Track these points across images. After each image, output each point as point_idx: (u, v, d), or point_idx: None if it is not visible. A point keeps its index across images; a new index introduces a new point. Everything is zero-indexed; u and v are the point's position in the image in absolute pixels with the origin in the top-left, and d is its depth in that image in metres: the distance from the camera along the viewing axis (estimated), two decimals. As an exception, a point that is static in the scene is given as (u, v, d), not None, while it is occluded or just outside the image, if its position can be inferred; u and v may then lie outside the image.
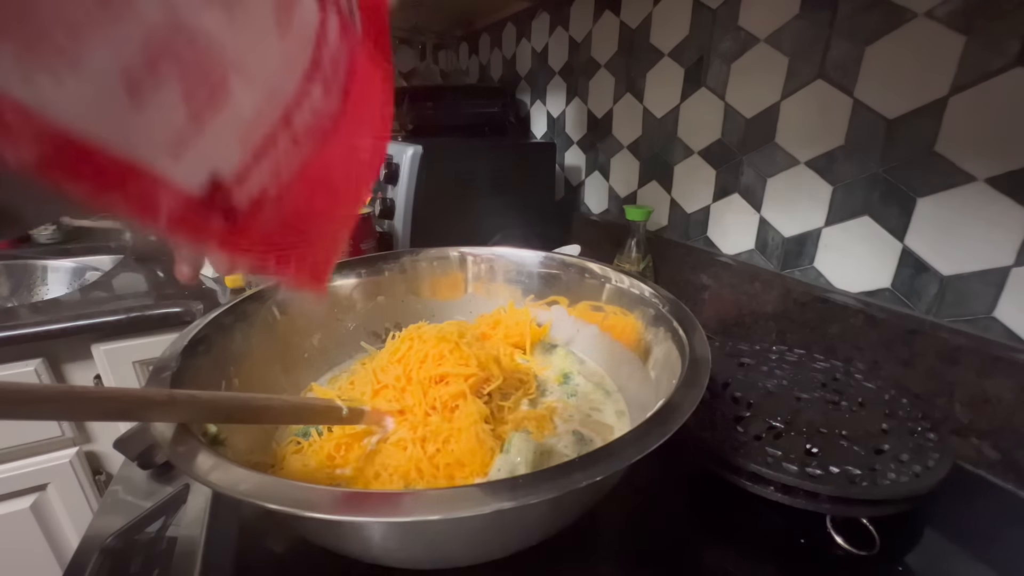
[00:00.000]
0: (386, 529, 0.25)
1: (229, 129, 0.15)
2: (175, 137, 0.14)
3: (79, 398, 0.22)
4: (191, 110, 0.14)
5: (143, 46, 0.12)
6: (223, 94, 0.14)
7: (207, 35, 0.14)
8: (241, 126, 0.15)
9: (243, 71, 0.15)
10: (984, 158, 0.41)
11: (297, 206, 0.18)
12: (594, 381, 0.49)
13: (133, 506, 0.39)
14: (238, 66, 0.15)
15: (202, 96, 0.14)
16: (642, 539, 0.36)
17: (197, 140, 0.14)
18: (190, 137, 0.14)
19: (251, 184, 0.16)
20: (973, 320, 0.44)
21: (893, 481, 0.34)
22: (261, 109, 0.16)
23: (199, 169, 0.14)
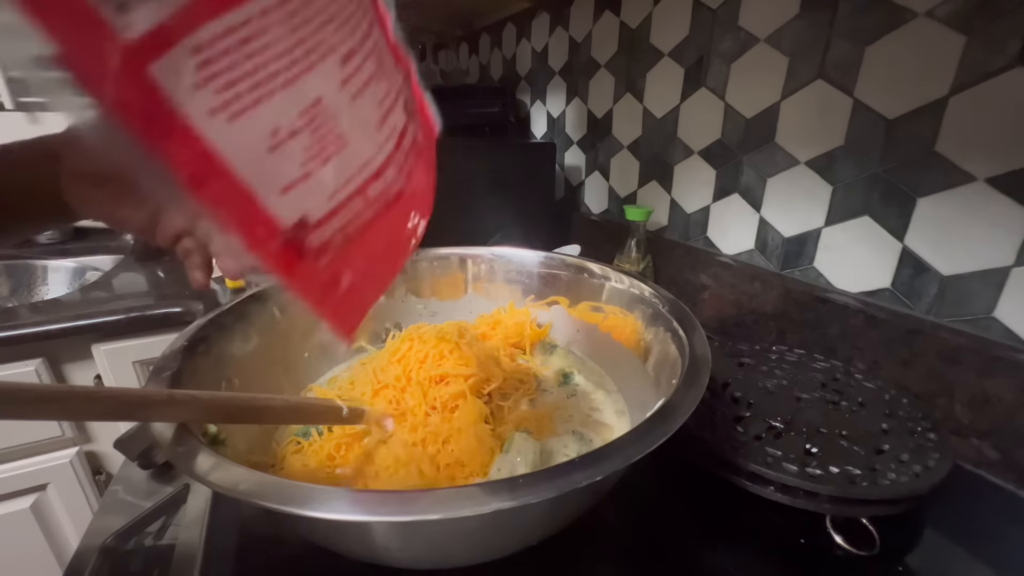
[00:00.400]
0: (386, 529, 0.25)
1: (325, 185, 0.19)
2: (287, 181, 0.18)
3: (79, 398, 0.22)
4: (305, 164, 0.18)
5: (297, 112, 0.17)
6: (329, 156, 0.19)
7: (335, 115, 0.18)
8: (334, 184, 0.19)
9: (347, 144, 0.19)
10: (984, 158, 0.41)
11: (350, 259, 0.21)
12: (594, 381, 0.49)
13: (133, 506, 0.39)
14: (345, 140, 0.19)
15: (316, 155, 0.18)
16: (642, 539, 0.36)
17: (301, 187, 0.18)
18: (297, 183, 0.18)
19: (325, 230, 0.19)
20: (973, 320, 0.44)
21: (893, 481, 0.34)
22: (351, 175, 0.20)
23: (294, 209, 0.18)
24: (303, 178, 0.18)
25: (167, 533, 0.37)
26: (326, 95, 0.18)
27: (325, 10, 0.17)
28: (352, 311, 0.22)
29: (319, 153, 0.18)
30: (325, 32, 0.17)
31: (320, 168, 0.18)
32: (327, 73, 0.17)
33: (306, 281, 0.20)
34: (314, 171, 0.18)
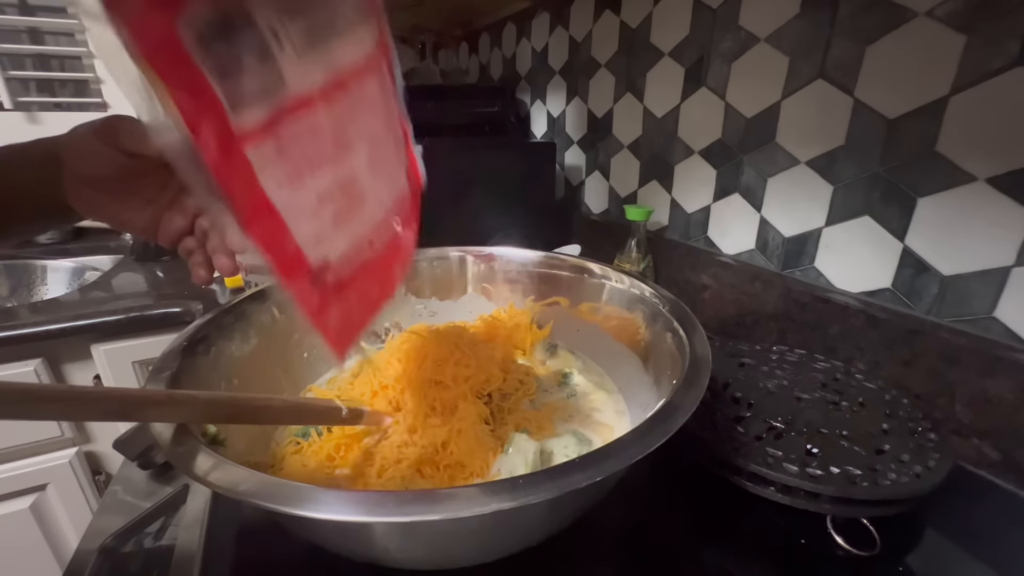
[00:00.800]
0: (386, 529, 0.25)
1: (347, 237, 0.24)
2: (321, 232, 0.22)
3: (79, 398, 0.22)
4: (334, 221, 0.23)
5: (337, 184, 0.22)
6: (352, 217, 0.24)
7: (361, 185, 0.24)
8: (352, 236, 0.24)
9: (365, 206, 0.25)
10: (985, 158, 0.41)
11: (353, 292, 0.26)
12: (594, 381, 0.49)
13: (133, 506, 0.39)
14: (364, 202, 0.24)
15: (343, 216, 0.23)
16: (642, 539, 0.36)
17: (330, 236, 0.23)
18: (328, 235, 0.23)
19: (340, 270, 0.24)
20: (974, 320, 0.44)
21: (894, 481, 0.34)
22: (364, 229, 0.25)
23: (321, 253, 0.23)
24: (332, 231, 0.23)
25: (166, 533, 0.37)
26: (358, 171, 0.23)
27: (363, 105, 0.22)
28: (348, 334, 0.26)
29: (346, 214, 0.23)
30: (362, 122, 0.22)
31: (345, 224, 0.23)
32: (360, 154, 0.23)
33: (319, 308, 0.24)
34: (341, 227, 0.23)
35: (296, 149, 0.20)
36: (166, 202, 0.32)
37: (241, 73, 0.17)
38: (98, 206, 0.31)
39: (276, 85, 0.19)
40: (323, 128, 0.21)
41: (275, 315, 0.47)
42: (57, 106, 1.09)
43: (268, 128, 0.19)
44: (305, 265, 0.22)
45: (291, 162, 0.20)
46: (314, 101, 0.20)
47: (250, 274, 0.68)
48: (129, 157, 0.29)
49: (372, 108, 0.23)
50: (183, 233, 0.33)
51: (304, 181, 0.21)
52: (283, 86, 0.19)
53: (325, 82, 0.20)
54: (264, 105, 0.18)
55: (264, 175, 0.19)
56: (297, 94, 0.19)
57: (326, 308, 0.24)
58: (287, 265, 0.21)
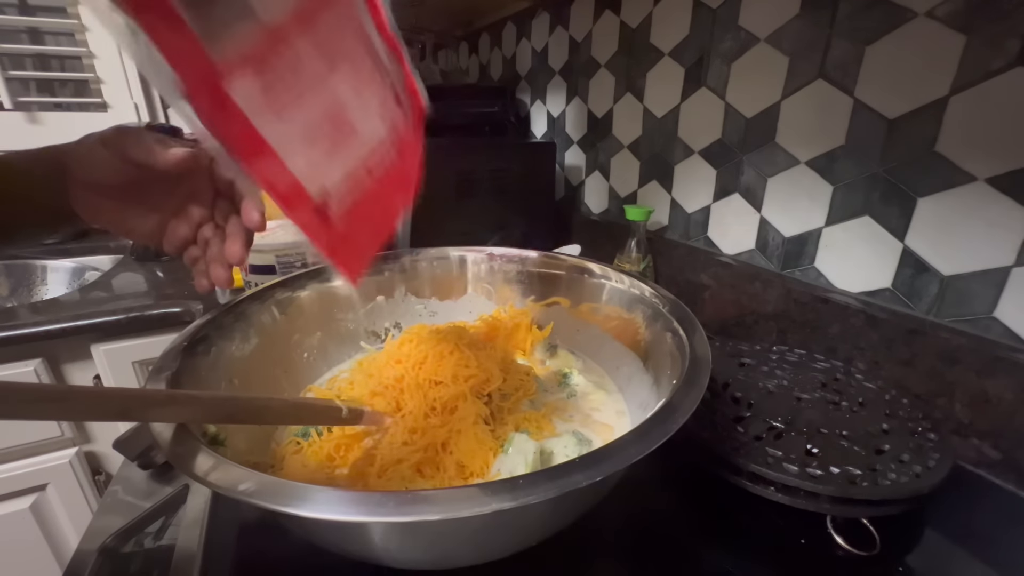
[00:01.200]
0: (386, 529, 0.25)
1: (341, 163, 0.25)
2: (314, 159, 0.23)
3: (78, 398, 0.22)
4: (329, 149, 0.24)
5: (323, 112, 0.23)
6: (344, 141, 0.24)
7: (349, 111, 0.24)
8: (347, 164, 0.25)
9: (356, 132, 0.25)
10: (984, 158, 0.41)
11: (358, 220, 0.26)
12: (594, 381, 0.49)
13: (133, 506, 0.39)
14: (355, 129, 0.25)
15: (336, 144, 0.24)
16: (642, 539, 0.36)
17: (325, 164, 0.24)
18: (322, 163, 0.24)
19: (342, 199, 0.25)
20: (973, 320, 0.44)
21: (894, 481, 0.34)
22: (359, 156, 0.26)
23: (320, 183, 0.24)
24: (327, 161, 0.24)
25: (167, 533, 0.37)
26: (344, 99, 0.23)
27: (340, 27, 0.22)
28: (359, 261, 0.28)
29: (338, 142, 0.24)
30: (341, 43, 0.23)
31: (338, 154, 0.24)
32: (343, 80, 0.23)
33: (327, 238, 0.25)
34: (334, 156, 0.24)
35: (277, 80, 0.21)
36: (171, 210, 0.33)
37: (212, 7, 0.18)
38: (103, 213, 0.32)
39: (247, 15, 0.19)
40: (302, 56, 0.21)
41: (275, 315, 0.47)
42: (57, 106, 1.09)
43: (246, 60, 0.19)
44: (305, 196, 0.23)
45: (274, 93, 0.21)
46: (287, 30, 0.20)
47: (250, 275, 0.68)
48: (135, 167, 0.29)
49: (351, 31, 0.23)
50: (188, 242, 0.33)
51: (290, 112, 0.21)
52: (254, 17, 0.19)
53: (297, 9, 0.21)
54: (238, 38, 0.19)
55: (250, 108, 0.20)
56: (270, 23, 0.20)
57: (333, 237, 0.25)
58: (289, 198, 0.22)
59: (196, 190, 0.32)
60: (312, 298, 0.51)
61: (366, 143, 0.26)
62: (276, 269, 0.66)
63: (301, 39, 0.21)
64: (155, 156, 0.29)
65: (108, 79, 1.08)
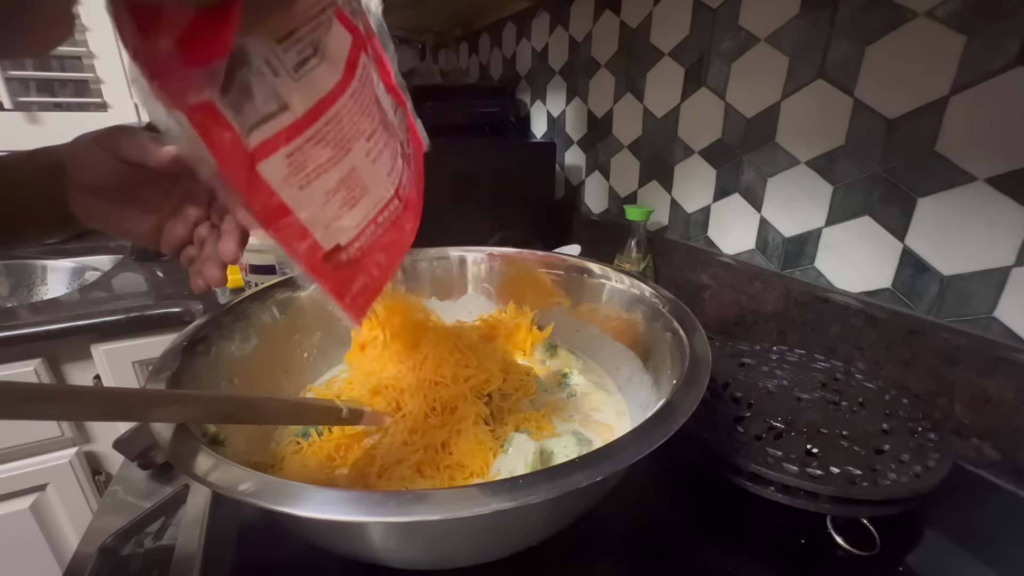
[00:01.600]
0: (386, 529, 0.25)
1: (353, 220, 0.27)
2: (330, 221, 0.25)
3: (78, 398, 0.22)
4: (341, 209, 0.26)
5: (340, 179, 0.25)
6: (356, 202, 0.26)
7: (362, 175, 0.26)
8: (359, 221, 0.27)
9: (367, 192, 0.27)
10: (984, 158, 0.41)
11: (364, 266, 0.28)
12: (594, 381, 0.49)
13: (133, 506, 0.39)
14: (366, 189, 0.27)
15: (348, 202, 0.26)
16: (642, 539, 0.36)
17: (337, 224, 0.26)
18: (335, 221, 0.26)
19: (351, 250, 0.27)
20: (973, 320, 0.44)
21: (894, 481, 0.34)
22: (369, 212, 0.28)
23: (332, 238, 0.26)
24: (339, 218, 0.26)
25: (167, 533, 0.37)
26: (357, 165, 0.26)
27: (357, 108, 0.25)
28: (364, 302, 0.30)
29: (351, 202, 0.26)
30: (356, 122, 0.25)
31: (350, 212, 0.26)
32: (358, 151, 0.26)
33: (336, 284, 0.27)
34: (346, 214, 0.26)
35: (302, 157, 0.23)
36: (168, 211, 0.32)
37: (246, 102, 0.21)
38: (100, 214, 0.31)
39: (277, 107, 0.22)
40: (323, 136, 0.24)
41: (275, 315, 0.47)
42: (57, 106, 1.09)
43: (274, 143, 0.22)
44: (319, 250, 0.25)
45: (299, 169, 0.23)
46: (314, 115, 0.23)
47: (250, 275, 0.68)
48: (131, 167, 0.29)
49: (364, 107, 0.26)
50: (185, 242, 0.33)
51: (312, 183, 0.24)
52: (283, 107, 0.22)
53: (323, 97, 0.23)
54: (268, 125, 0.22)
55: (276, 183, 0.23)
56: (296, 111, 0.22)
57: (341, 283, 0.27)
58: (304, 253, 0.25)
59: (192, 189, 0.32)
60: (312, 298, 0.51)
61: (375, 201, 0.28)
62: (276, 269, 0.66)
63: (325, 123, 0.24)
64: (149, 154, 0.28)
65: (108, 79, 1.08)
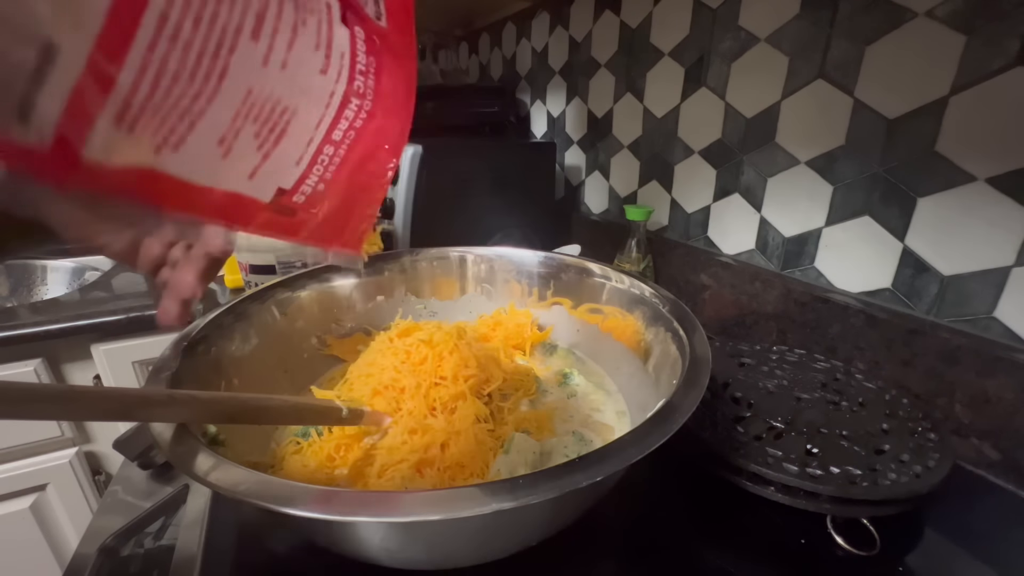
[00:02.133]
0: (386, 530, 0.25)
1: (287, 155, 0.19)
2: (249, 169, 0.18)
3: (78, 397, 0.22)
4: (260, 149, 0.18)
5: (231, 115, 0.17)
6: (282, 132, 0.19)
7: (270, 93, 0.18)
8: (295, 150, 0.20)
9: (297, 112, 0.19)
10: (984, 158, 0.41)
11: (337, 193, 0.22)
12: (594, 381, 0.49)
13: (133, 506, 0.39)
14: (293, 109, 0.19)
15: (268, 137, 0.18)
16: (642, 539, 0.36)
17: (264, 167, 0.19)
18: (259, 166, 0.19)
19: (305, 187, 0.20)
20: (973, 320, 0.44)
21: (894, 481, 0.34)
22: (311, 135, 0.20)
23: (267, 185, 0.19)
24: (263, 160, 0.19)
25: (167, 533, 0.37)
26: (254, 84, 0.17)
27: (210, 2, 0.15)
28: (353, 231, 0.24)
29: (270, 134, 0.18)
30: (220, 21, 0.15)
31: (276, 146, 0.19)
32: (243, 62, 0.16)
33: (304, 231, 0.21)
34: (271, 150, 0.19)
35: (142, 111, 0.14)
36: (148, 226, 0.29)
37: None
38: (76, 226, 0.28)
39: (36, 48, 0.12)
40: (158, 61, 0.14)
41: (275, 315, 0.47)
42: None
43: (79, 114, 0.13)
44: (257, 204, 0.19)
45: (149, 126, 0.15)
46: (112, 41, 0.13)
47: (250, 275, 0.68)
48: None
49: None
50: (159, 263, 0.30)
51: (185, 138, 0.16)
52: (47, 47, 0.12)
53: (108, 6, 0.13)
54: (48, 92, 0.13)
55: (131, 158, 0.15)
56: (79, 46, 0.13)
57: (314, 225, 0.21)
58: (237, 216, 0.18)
59: None
60: (312, 298, 0.51)
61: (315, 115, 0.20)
62: (276, 269, 0.66)
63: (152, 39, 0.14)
64: None
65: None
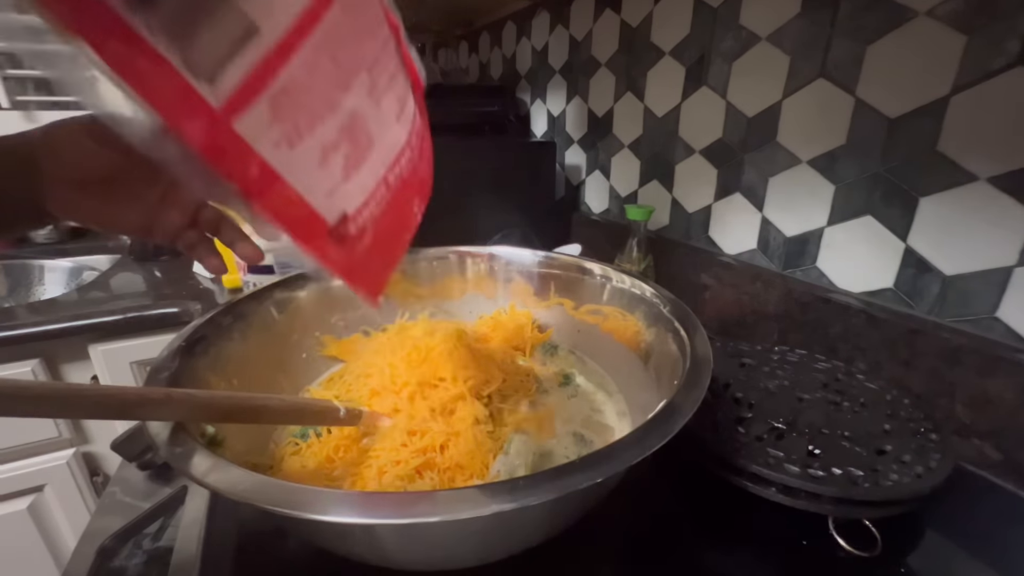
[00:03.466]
0: (385, 531, 0.25)
1: (361, 182, 0.22)
2: (332, 185, 0.20)
3: (74, 395, 0.22)
4: (345, 168, 0.21)
5: (339, 128, 0.20)
6: (362, 159, 0.21)
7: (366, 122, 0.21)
8: (366, 181, 0.22)
9: (375, 145, 0.22)
10: (986, 157, 0.41)
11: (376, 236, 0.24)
12: (595, 382, 0.49)
13: (131, 507, 0.39)
14: (373, 140, 0.22)
15: (354, 159, 0.21)
16: (643, 540, 0.36)
17: (343, 188, 0.21)
18: (339, 186, 0.21)
19: (359, 219, 0.22)
20: (975, 320, 0.44)
21: (895, 482, 0.33)
22: (379, 169, 0.23)
23: (337, 207, 0.21)
24: (344, 181, 0.21)
25: (165, 534, 0.36)
26: (359, 107, 0.20)
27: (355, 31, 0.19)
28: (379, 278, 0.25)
29: (356, 159, 0.21)
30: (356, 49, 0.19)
31: (356, 171, 0.21)
32: (359, 87, 0.20)
33: (344, 262, 0.23)
34: (352, 174, 0.21)
35: (289, 103, 0.17)
36: (157, 197, 0.30)
37: (198, 35, 0.14)
38: (81, 209, 0.29)
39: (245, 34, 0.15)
40: (313, 68, 0.17)
41: (274, 315, 0.46)
42: (55, 105, 1.09)
43: (251, 89, 0.16)
44: (322, 224, 0.20)
45: (287, 119, 0.17)
46: (294, 39, 0.17)
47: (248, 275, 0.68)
48: (125, 154, 0.27)
49: (360, 24, 0.19)
50: (181, 227, 0.31)
51: (304, 137, 0.18)
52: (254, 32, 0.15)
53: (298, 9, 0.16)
54: (238, 64, 0.16)
55: (260, 143, 0.17)
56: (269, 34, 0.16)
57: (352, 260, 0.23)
58: (304, 229, 0.20)
59: None
60: (311, 298, 0.51)
61: (385, 153, 0.23)
62: (275, 269, 0.66)
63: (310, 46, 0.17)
64: None
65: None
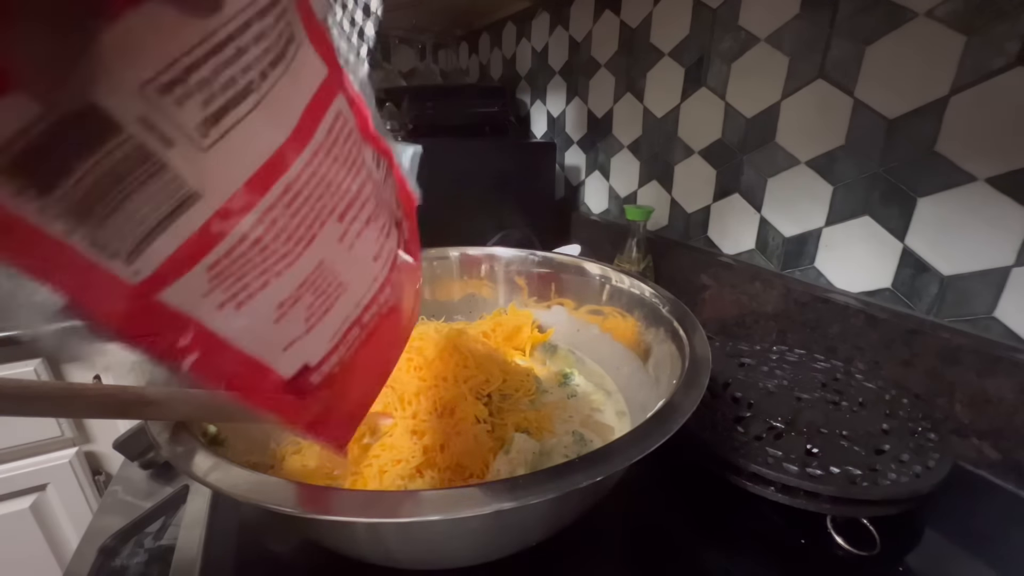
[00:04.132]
0: (386, 530, 0.25)
1: (326, 331, 0.19)
2: (290, 340, 0.17)
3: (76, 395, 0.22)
4: (308, 320, 0.18)
5: (299, 282, 0.17)
6: (329, 307, 0.18)
7: (335, 269, 0.18)
8: (333, 327, 0.19)
9: (347, 289, 0.19)
10: (984, 158, 0.41)
11: (345, 382, 0.20)
12: (594, 381, 0.49)
13: (133, 506, 0.39)
14: (344, 285, 0.19)
15: (317, 310, 0.18)
16: (642, 539, 0.36)
17: (303, 340, 0.18)
18: (299, 339, 0.18)
19: (324, 368, 0.19)
20: (973, 320, 0.44)
21: (894, 481, 0.34)
22: (350, 314, 0.20)
23: (296, 360, 0.18)
24: (306, 333, 0.18)
25: (167, 533, 0.37)
26: (326, 257, 0.17)
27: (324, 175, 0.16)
28: (346, 427, 0.22)
29: (321, 308, 0.18)
30: (324, 199, 0.16)
31: (321, 320, 0.18)
32: (326, 237, 0.17)
33: (304, 416, 0.20)
34: (316, 325, 0.18)
35: (235, 266, 0.15)
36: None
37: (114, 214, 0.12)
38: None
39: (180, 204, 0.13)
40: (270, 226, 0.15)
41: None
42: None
43: (184, 260, 0.14)
44: (277, 380, 0.18)
45: (231, 283, 0.15)
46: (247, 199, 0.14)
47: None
48: None
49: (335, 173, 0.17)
50: None
51: (256, 296, 0.16)
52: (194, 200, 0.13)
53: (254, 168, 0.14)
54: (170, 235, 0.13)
55: (197, 310, 0.15)
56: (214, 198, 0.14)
57: (313, 413, 0.20)
58: (252, 389, 0.17)
59: None
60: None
61: (358, 298, 0.20)
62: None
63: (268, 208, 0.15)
64: None
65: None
